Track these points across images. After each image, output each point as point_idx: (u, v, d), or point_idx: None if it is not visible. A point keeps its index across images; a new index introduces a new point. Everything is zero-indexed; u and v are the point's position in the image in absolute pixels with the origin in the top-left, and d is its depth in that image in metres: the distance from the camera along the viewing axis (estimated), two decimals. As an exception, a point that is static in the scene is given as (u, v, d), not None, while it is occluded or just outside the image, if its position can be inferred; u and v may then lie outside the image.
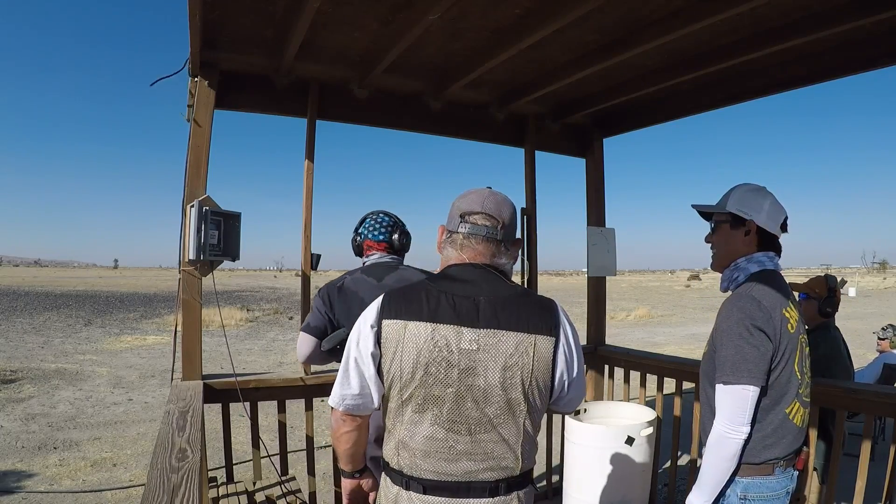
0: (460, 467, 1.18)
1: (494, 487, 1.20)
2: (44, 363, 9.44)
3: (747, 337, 1.41)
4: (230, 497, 2.46)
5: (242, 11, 2.20)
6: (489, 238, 1.25)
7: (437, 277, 1.26)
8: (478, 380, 1.16)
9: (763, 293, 1.46)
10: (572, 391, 1.27)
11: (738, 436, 1.40)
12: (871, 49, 2.33)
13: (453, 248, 1.27)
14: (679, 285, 51.30)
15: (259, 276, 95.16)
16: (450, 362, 1.16)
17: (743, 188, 1.62)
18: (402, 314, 1.18)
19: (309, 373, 2.82)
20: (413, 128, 3.31)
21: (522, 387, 1.18)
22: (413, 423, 1.19)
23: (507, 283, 1.26)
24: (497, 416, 1.18)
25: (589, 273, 3.64)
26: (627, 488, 2.81)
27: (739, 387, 1.40)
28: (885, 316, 18.72)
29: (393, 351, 1.18)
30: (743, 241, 1.58)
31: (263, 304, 23.72)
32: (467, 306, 1.18)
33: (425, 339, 1.16)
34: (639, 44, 2.32)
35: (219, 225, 2.54)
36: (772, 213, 1.57)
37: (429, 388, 1.17)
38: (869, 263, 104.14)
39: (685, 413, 3.28)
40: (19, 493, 3.97)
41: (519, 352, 1.17)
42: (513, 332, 1.18)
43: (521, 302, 1.22)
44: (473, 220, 1.25)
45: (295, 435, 4.05)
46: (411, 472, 1.20)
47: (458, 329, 1.17)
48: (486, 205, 1.26)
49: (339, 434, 1.33)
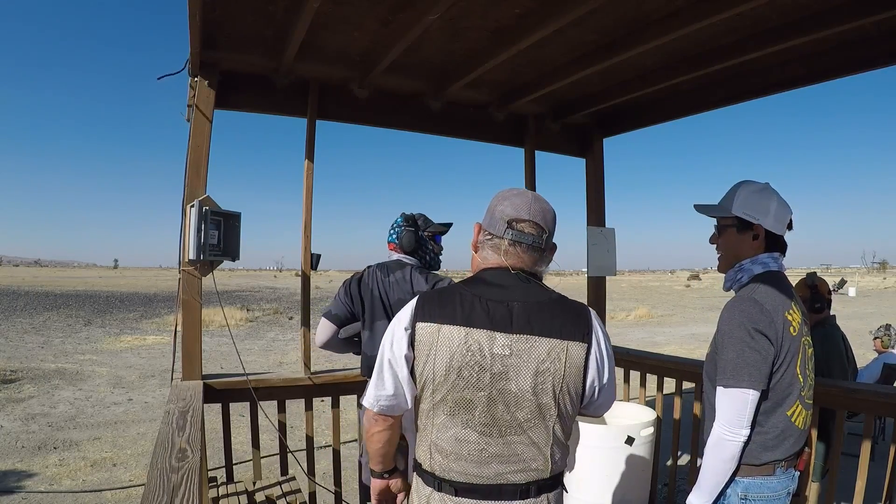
0: (491, 469, 1.19)
1: (525, 490, 1.20)
2: (44, 363, 9.44)
3: (748, 340, 1.40)
4: (230, 497, 2.46)
5: (242, 11, 2.20)
6: (534, 247, 1.25)
7: (472, 281, 1.26)
8: (509, 384, 1.17)
9: (766, 296, 1.45)
10: (602, 397, 1.28)
11: (737, 438, 1.40)
12: (871, 49, 2.33)
13: (495, 252, 1.26)
14: (679, 285, 51.30)
15: (259, 276, 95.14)
16: (482, 366, 1.16)
17: (747, 188, 1.57)
18: (435, 317, 1.18)
19: (310, 373, 2.83)
20: (413, 128, 3.31)
21: (553, 392, 1.18)
22: (444, 425, 1.19)
23: (541, 288, 1.26)
24: (527, 419, 1.18)
25: (589, 273, 3.64)
26: (627, 488, 2.81)
27: (739, 390, 1.40)
28: (885, 316, 18.72)
29: (426, 354, 1.18)
30: (750, 245, 1.56)
31: (263, 304, 23.71)
32: (501, 311, 1.18)
33: (459, 342, 1.16)
34: (639, 44, 2.32)
35: (219, 225, 2.54)
36: (779, 215, 1.54)
37: (461, 391, 1.17)
38: (869, 263, 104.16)
39: (685, 413, 3.28)
40: (19, 493, 3.97)
41: (551, 358, 1.18)
42: (545, 337, 1.18)
43: (554, 308, 1.22)
44: (521, 227, 1.24)
45: (295, 435, 4.05)
46: (443, 475, 1.21)
47: (491, 334, 1.17)
48: (533, 212, 1.26)
49: (371, 433, 1.33)
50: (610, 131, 3.77)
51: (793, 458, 1.48)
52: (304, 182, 2.82)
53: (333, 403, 2.90)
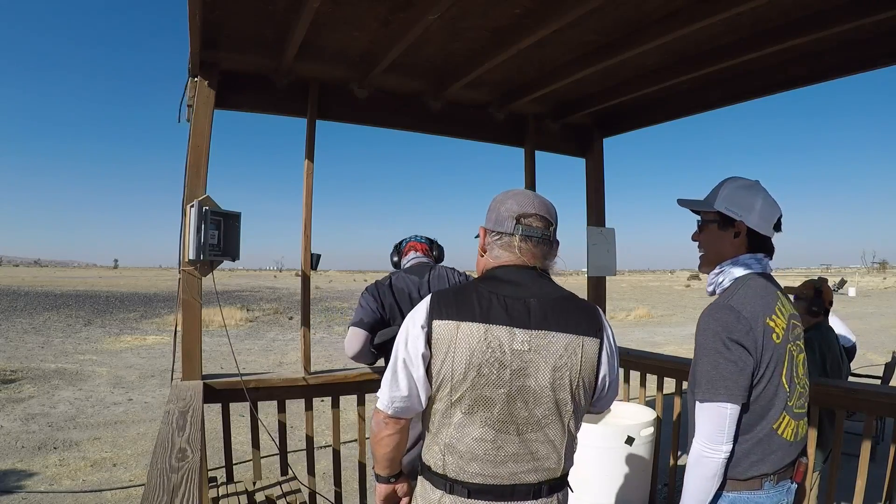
0: (506, 469, 1.19)
1: (538, 490, 1.21)
2: (44, 363, 9.44)
3: (724, 352, 1.32)
4: (230, 497, 2.46)
5: (242, 11, 2.20)
6: (544, 240, 1.26)
7: (486, 279, 1.25)
8: (529, 380, 1.17)
9: (744, 302, 1.36)
10: (611, 391, 1.30)
11: (717, 455, 1.33)
12: (871, 49, 2.33)
13: (506, 250, 1.26)
14: (679, 285, 51.29)
15: (259, 276, 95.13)
16: (502, 363, 1.16)
17: (733, 184, 1.49)
18: (453, 315, 1.18)
19: (310, 373, 2.83)
20: (413, 128, 3.31)
21: (571, 387, 1.19)
22: (462, 425, 1.19)
23: (554, 285, 1.26)
24: (545, 416, 1.19)
25: (589, 273, 3.64)
26: (627, 488, 2.81)
27: (716, 404, 1.32)
28: (884, 316, 18.73)
29: (444, 352, 1.17)
30: (731, 244, 1.47)
31: (263, 304, 23.71)
32: (519, 308, 1.19)
33: (478, 339, 1.16)
34: (639, 44, 2.32)
35: (219, 225, 2.54)
36: (764, 213, 1.45)
37: (480, 389, 1.16)
38: (869, 263, 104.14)
39: (685, 413, 3.27)
40: (19, 493, 3.97)
41: (568, 353, 1.19)
42: (563, 333, 1.19)
43: (567, 304, 1.23)
44: (528, 222, 1.25)
45: (295, 435, 4.05)
46: (456, 476, 1.20)
47: (510, 330, 1.17)
48: (538, 206, 1.27)
49: (380, 437, 1.31)
50: (610, 131, 3.76)
51: (784, 470, 1.40)
52: (304, 182, 2.81)
53: (333, 403, 2.90)
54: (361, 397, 2.94)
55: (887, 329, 14.01)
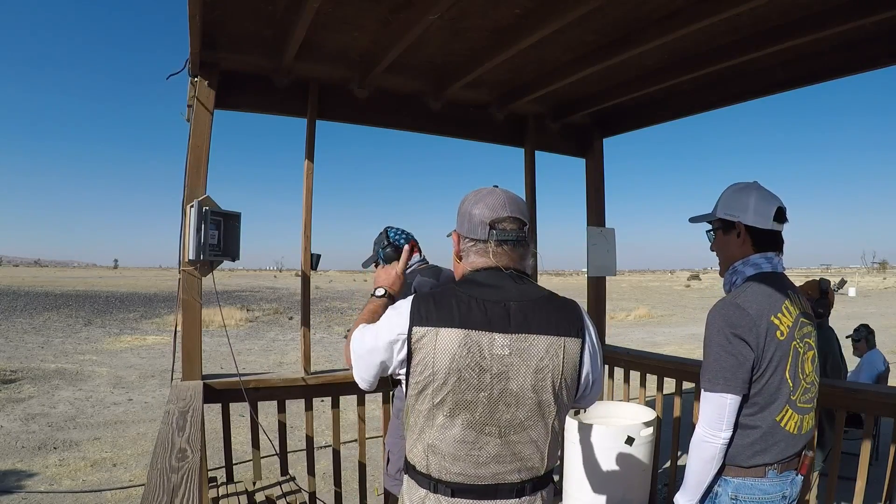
0: (489, 470, 1.19)
1: (521, 488, 1.21)
2: (44, 363, 9.44)
3: (726, 345, 1.42)
4: (230, 497, 2.46)
5: (242, 11, 2.20)
6: (519, 242, 1.26)
7: (465, 282, 1.25)
8: (510, 384, 1.17)
9: (750, 300, 1.44)
10: (594, 389, 1.30)
11: (716, 440, 1.43)
12: (871, 49, 2.33)
13: (481, 256, 1.26)
14: (679, 285, 51.31)
15: (259, 276, 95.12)
16: (482, 367, 1.16)
17: (729, 190, 1.60)
18: (432, 321, 1.17)
19: (310, 373, 2.83)
20: (413, 128, 3.31)
21: (553, 388, 1.19)
22: (444, 426, 1.19)
23: (534, 285, 1.26)
24: (528, 417, 1.19)
25: (589, 273, 3.64)
26: (627, 488, 2.81)
27: (716, 394, 1.43)
28: (885, 316, 18.73)
29: (424, 357, 1.17)
30: (736, 244, 1.57)
31: (263, 304, 23.72)
32: (498, 311, 1.18)
33: (458, 345, 1.16)
34: (639, 44, 2.32)
35: (219, 225, 2.54)
36: (759, 209, 1.53)
37: (461, 393, 1.17)
38: (869, 263, 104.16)
39: (685, 413, 3.28)
40: (19, 493, 3.97)
41: (549, 354, 1.18)
42: (543, 335, 1.18)
43: (548, 304, 1.23)
44: (503, 226, 1.24)
45: (295, 435, 4.05)
46: (440, 476, 1.20)
47: (490, 335, 1.16)
48: (510, 208, 1.25)
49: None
50: (610, 131, 3.76)
51: (788, 461, 1.47)
52: (304, 182, 2.81)
53: (333, 404, 2.90)
54: (361, 397, 2.94)
55: (888, 329, 14.00)
